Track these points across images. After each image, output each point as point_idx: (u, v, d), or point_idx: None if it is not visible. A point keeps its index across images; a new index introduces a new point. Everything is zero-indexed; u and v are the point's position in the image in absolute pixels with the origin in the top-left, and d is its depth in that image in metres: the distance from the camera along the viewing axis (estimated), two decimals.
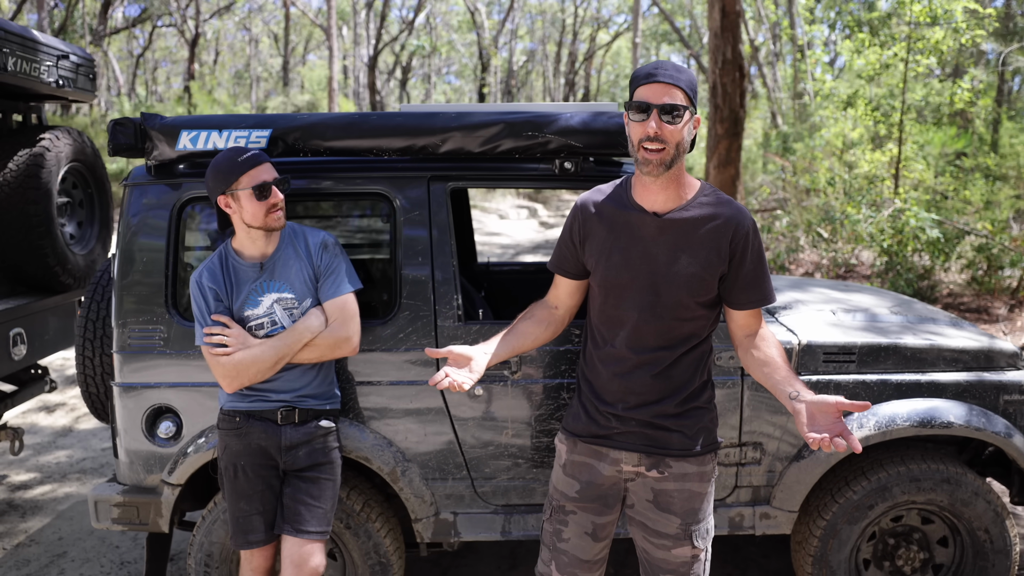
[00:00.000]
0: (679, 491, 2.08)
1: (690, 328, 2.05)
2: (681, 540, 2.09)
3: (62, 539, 3.78)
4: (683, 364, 2.06)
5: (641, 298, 2.02)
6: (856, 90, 12.46)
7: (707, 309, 2.06)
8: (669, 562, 2.11)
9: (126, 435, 2.69)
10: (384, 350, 2.62)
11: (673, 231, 1.99)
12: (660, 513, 2.10)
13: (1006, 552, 2.72)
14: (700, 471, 2.09)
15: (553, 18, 39.63)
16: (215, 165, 2.32)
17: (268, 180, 2.30)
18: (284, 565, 2.37)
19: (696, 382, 2.08)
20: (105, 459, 4.82)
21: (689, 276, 1.99)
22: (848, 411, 1.82)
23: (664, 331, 2.03)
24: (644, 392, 2.06)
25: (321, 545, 2.41)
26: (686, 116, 1.90)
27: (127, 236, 2.66)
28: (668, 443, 2.07)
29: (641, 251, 2.02)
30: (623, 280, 2.04)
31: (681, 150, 1.92)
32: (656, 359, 2.04)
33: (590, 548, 2.18)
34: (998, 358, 2.77)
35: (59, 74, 3.72)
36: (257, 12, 34.86)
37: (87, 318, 2.92)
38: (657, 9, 28.50)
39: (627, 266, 2.03)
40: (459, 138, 2.55)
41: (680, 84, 1.89)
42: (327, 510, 2.42)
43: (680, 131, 1.90)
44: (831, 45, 23.73)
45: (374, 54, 27.49)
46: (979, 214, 9.50)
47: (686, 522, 2.08)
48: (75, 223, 4.05)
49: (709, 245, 1.98)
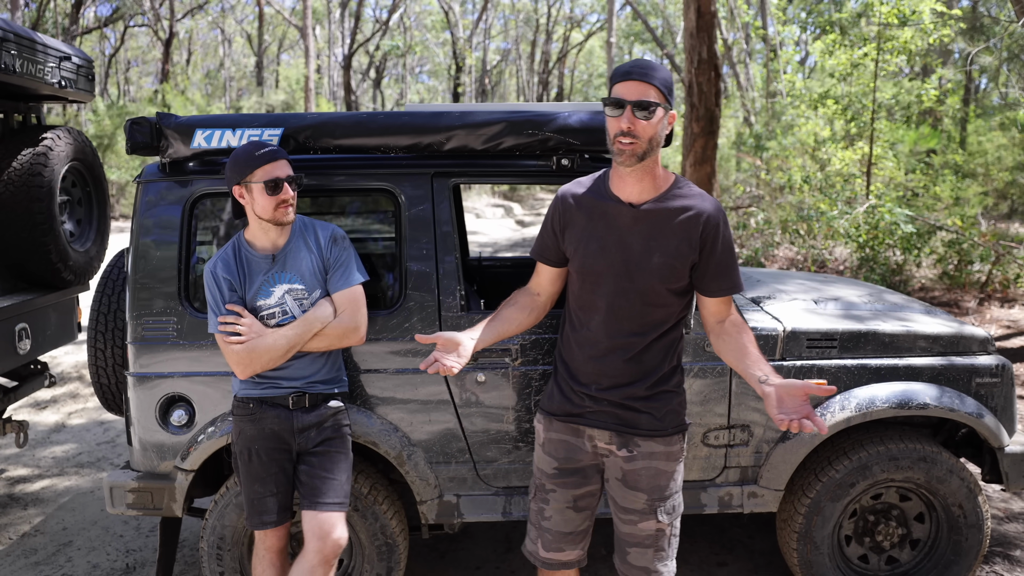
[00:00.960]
0: (646, 469, 2.18)
1: (661, 314, 2.15)
2: (647, 515, 2.19)
3: (66, 529, 3.84)
4: (654, 349, 2.16)
5: (616, 285, 2.13)
6: (827, 89, 12.74)
7: (678, 296, 2.15)
8: (635, 535, 2.22)
9: (140, 423, 2.78)
10: (390, 339, 2.74)
11: (647, 221, 2.10)
12: (628, 491, 2.20)
13: (979, 526, 2.90)
14: (667, 451, 2.19)
15: (527, 17, 39.80)
16: (235, 156, 2.42)
17: (281, 176, 2.40)
18: (307, 539, 2.47)
19: (666, 367, 2.19)
20: (101, 453, 4.87)
21: (661, 264, 2.08)
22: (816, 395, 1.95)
23: (636, 317, 2.14)
24: (617, 375, 2.17)
25: (342, 516, 2.50)
26: (659, 112, 2.00)
27: (141, 231, 2.74)
28: (637, 423, 2.18)
29: (617, 239, 2.12)
30: (599, 267, 2.14)
31: (654, 144, 2.03)
32: (629, 344, 2.14)
33: (572, 520, 2.29)
34: (970, 343, 2.95)
35: (61, 75, 3.79)
36: (230, 11, 34.58)
37: (98, 311, 2.99)
38: (630, 8, 28.76)
39: (603, 254, 2.13)
40: (463, 136, 2.67)
41: (654, 82, 1.99)
42: (343, 482, 2.52)
43: (653, 126, 2.00)
44: (802, 44, 24.14)
45: (349, 54, 27.44)
46: (949, 210, 9.80)
47: (652, 498, 2.18)
48: (74, 221, 4.11)
49: (681, 235, 2.08)
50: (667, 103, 2.02)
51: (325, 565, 2.46)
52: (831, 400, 2.80)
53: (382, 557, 2.79)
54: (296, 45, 39.96)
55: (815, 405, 2.80)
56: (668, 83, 2.03)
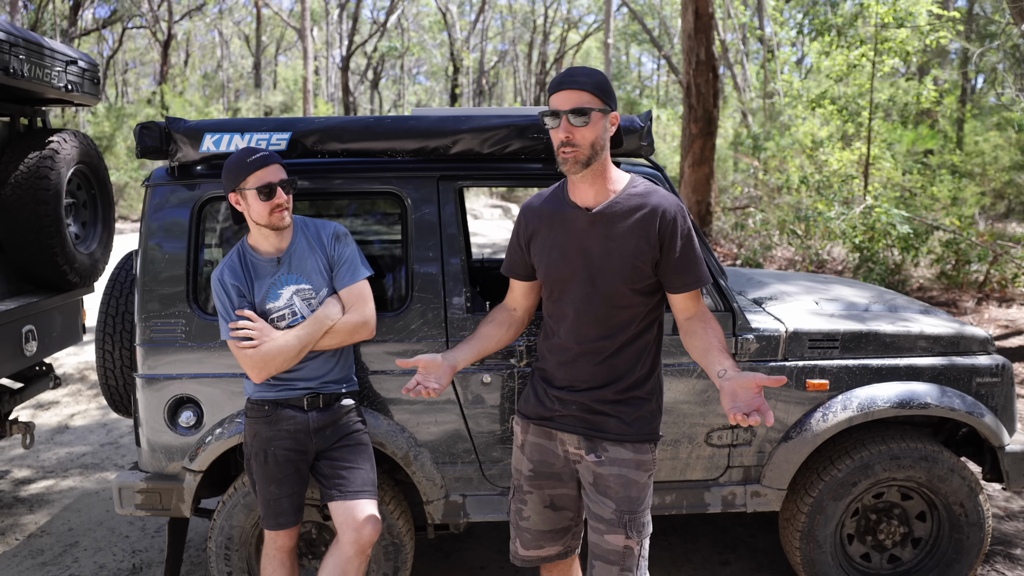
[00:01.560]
0: (615, 476, 2.12)
1: (627, 316, 2.12)
2: (615, 527, 2.12)
3: (72, 530, 3.86)
4: (625, 354, 2.13)
5: (580, 290, 2.12)
6: (824, 90, 12.80)
7: (644, 296, 2.12)
8: (601, 547, 2.15)
9: (149, 425, 2.80)
10: (397, 341, 2.76)
11: (603, 223, 2.08)
12: (598, 496, 2.15)
13: (980, 525, 2.93)
14: (636, 459, 2.13)
15: (524, 18, 39.84)
16: (228, 164, 2.44)
17: (273, 181, 2.40)
18: (341, 532, 2.45)
19: (637, 372, 2.14)
20: (105, 454, 4.89)
21: (621, 265, 2.07)
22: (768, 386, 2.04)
23: (602, 320, 2.11)
24: (588, 379, 2.15)
25: (374, 504, 2.49)
26: (595, 116, 2.01)
27: (150, 234, 2.77)
28: (605, 427, 2.14)
29: (577, 245, 2.11)
30: (563, 274, 2.14)
31: (597, 148, 2.03)
32: (598, 348, 2.12)
33: (551, 519, 2.29)
34: (970, 343, 2.99)
35: (68, 79, 3.82)
36: (228, 13, 34.60)
37: (106, 313, 3.02)
38: (627, 10, 28.82)
39: (565, 261, 2.13)
40: (469, 140, 2.70)
41: (586, 88, 2.00)
42: (367, 470, 2.53)
43: (592, 131, 2.01)
44: (799, 45, 24.20)
45: (347, 55, 27.46)
46: (946, 210, 9.85)
47: (620, 509, 2.12)
48: (80, 223, 4.13)
49: (638, 233, 2.06)
50: (605, 105, 2.03)
51: (361, 555, 2.45)
52: (833, 400, 2.83)
53: (389, 557, 2.82)
54: (294, 46, 40.00)
55: (817, 405, 2.84)
56: (602, 86, 2.03)
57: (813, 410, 2.84)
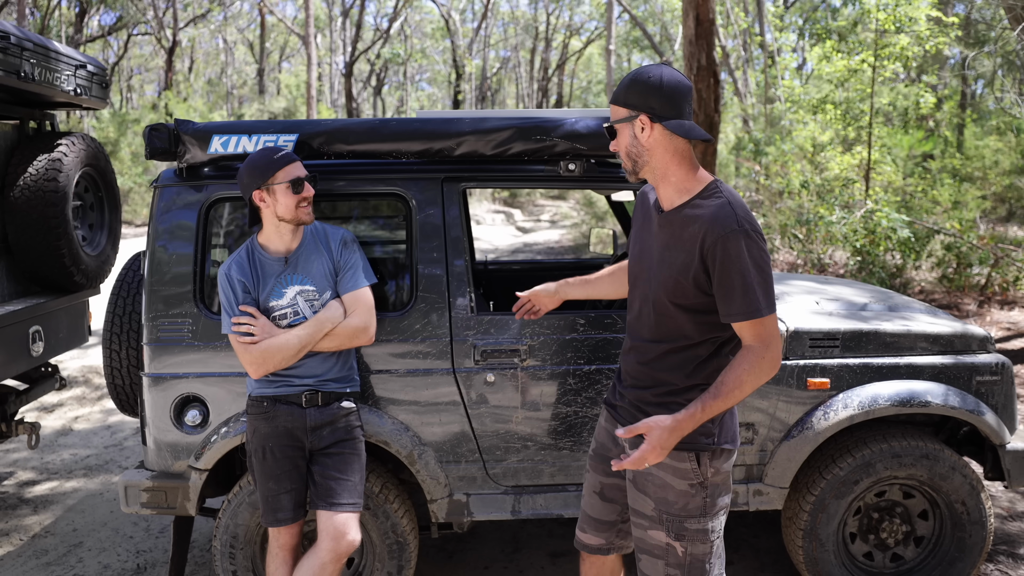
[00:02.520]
0: (652, 476, 2.09)
1: (672, 327, 2.03)
2: (656, 524, 2.09)
3: (76, 530, 3.88)
4: (668, 362, 2.06)
5: (641, 288, 2.12)
6: (825, 95, 12.83)
7: (688, 313, 2.00)
8: (645, 542, 2.13)
9: (155, 423, 2.83)
10: (401, 340, 2.79)
11: (668, 229, 2.03)
12: (637, 492, 2.14)
13: (982, 523, 2.94)
14: (674, 465, 2.05)
15: (526, 25, 39.95)
16: (251, 162, 2.49)
17: (302, 176, 2.49)
18: (321, 539, 2.52)
19: (680, 382, 2.05)
20: (109, 456, 4.92)
21: (666, 276, 2.00)
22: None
23: (651, 324, 2.08)
24: (634, 375, 2.15)
25: (356, 516, 2.56)
26: (619, 128, 2.00)
27: (157, 234, 2.80)
28: None
29: (648, 244, 2.11)
30: (634, 269, 2.16)
31: (635, 155, 1.99)
32: (643, 348, 2.10)
33: (598, 507, 2.31)
34: (970, 342, 3.00)
35: (77, 83, 3.86)
36: (232, 20, 34.75)
37: (113, 313, 3.05)
38: (629, 16, 28.90)
39: (639, 257, 2.14)
40: (473, 141, 2.73)
41: (613, 100, 2.02)
42: (356, 482, 2.57)
43: (623, 141, 2.00)
44: (799, 51, 24.26)
45: (350, 62, 27.57)
46: (947, 214, 9.86)
47: (659, 508, 2.08)
48: (87, 225, 4.17)
49: (688, 247, 1.96)
50: (629, 112, 1.97)
51: (336, 563, 2.52)
52: (834, 399, 2.85)
53: (393, 555, 2.84)
54: (297, 53, 40.13)
55: (818, 404, 2.85)
56: (626, 91, 1.98)
57: (814, 409, 2.86)
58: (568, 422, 2.85)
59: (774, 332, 1.93)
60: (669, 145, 1.97)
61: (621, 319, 2.84)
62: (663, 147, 1.97)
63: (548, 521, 3.89)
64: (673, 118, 1.95)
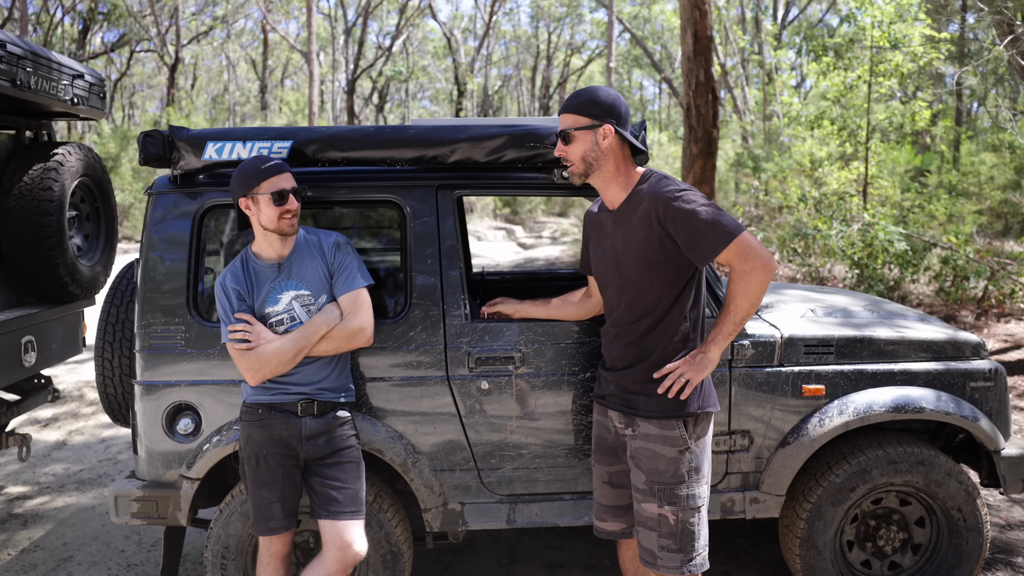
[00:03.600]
0: (644, 449, 2.31)
1: (651, 299, 2.29)
2: (648, 496, 2.30)
3: (67, 544, 3.85)
4: (653, 334, 2.30)
5: (613, 281, 2.36)
6: (823, 111, 12.89)
7: (664, 280, 2.27)
8: (640, 514, 2.33)
9: (146, 432, 2.81)
10: (395, 348, 2.78)
11: (621, 220, 2.32)
12: (634, 467, 2.35)
13: (978, 530, 2.92)
14: (663, 434, 2.28)
15: (527, 44, 40.24)
16: (241, 169, 2.50)
17: (287, 188, 2.48)
18: (327, 549, 2.50)
19: (663, 349, 2.30)
20: (103, 470, 4.89)
21: (636, 254, 2.26)
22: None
23: (631, 306, 2.32)
24: (622, 358, 2.37)
25: (361, 524, 2.54)
26: (578, 135, 2.26)
27: (151, 241, 2.80)
28: (636, 404, 2.34)
29: (608, 243, 2.37)
30: (602, 269, 2.42)
31: (590, 160, 2.27)
32: (629, 330, 2.34)
33: (610, 495, 2.49)
34: (964, 348, 2.99)
35: (74, 92, 3.87)
36: (235, 37, 35.02)
37: (106, 321, 3.04)
38: (629, 35, 29.12)
39: (603, 258, 2.40)
40: (466, 149, 2.74)
41: (570, 110, 2.27)
42: (357, 490, 2.56)
43: (578, 147, 2.27)
44: (797, 69, 24.41)
45: (352, 79, 27.74)
46: (943, 227, 9.88)
47: (651, 479, 2.29)
48: (82, 236, 4.17)
49: (643, 224, 2.24)
50: (593, 121, 2.24)
51: (342, 573, 2.51)
52: (829, 405, 2.83)
53: (387, 566, 2.81)
54: (300, 71, 40.39)
55: (813, 411, 2.84)
56: (589, 104, 2.25)
57: (810, 415, 2.84)
58: (563, 430, 2.84)
59: (752, 245, 2.19)
60: (620, 151, 2.30)
61: None
62: (615, 153, 2.30)
63: (545, 532, 3.85)
64: (625, 130, 2.29)
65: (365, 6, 28.22)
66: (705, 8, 10.39)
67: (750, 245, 2.18)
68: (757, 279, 2.20)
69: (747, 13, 25.35)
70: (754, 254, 2.18)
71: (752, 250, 2.18)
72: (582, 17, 36.29)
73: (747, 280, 2.20)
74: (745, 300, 2.22)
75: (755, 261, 2.18)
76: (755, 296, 2.22)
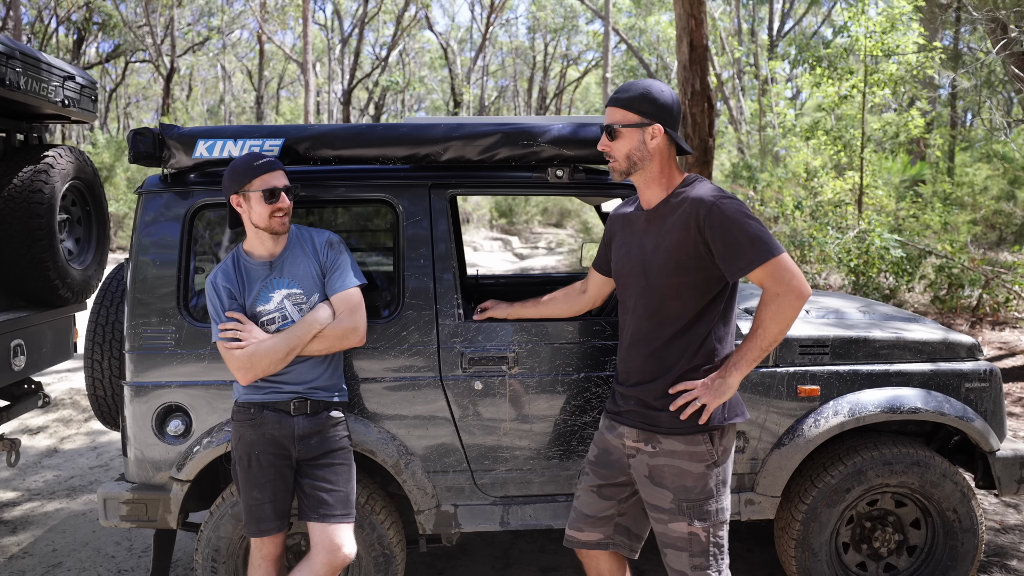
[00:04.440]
0: (669, 467, 2.19)
1: (676, 308, 2.17)
2: (676, 515, 2.18)
3: (56, 551, 3.80)
4: (675, 346, 2.19)
5: (636, 283, 2.24)
6: (817, 121, 12.94)
7: (693, 289, 2.15)
8: (667, 536, 2.21)
9: (136, 434, 2.78)
10: (388, 348, 2.76)
11: (656, 221, 2.21)
12: (655, 487, 2.22)
13: (973, 531, 2.90)
14: (689, 450, 2.17)
15: (524, 55, 40.38)
16: (233, 166, 2.48)
17: (278, 186, 2.46)
18: (316, 551, 2.47)
19: (687, 364, 2.18)
20: (94, 476, 4.84)
21: (666, 258, 2.16)
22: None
23: (653, 313, 2.20)
24: (640, 371, 2.24)
25: (350, 528, 2.52)
26: (624, 132, 2.17)
27: (141, 241, 2.78)
28: (658, 421, 2.21)
29: (637, 243, 2.27)
30: (625, 269, 2.29)
31: (634, 159, 2.18)
32: (648, 339, 2.22)
33: (594, 504, 2.38)
34: (958, 349, 2.98)
35: (65, 94, 3.85)
36: (231, 48, 35.07)
37: (96, 323, 3.01)
38: (626, 46, 29.25)
39: (628, 257, 2.29)
40: (459, 147, 2.72)
41: (620, 104, 2.18)
42: (348, 492, 2.53)
43: (624, 144, 2.18)
44: (792, 81, 24.54)
45: (348, 90, 27.79)
46: (938, 236, 9.90)
47: (679, 497, 2.18)
48: (73, 239, 4.14)
49: (680, 226, 2.13)
50: (643, 119, 2.15)
51: (332, 575, 2.48)
52: (824, 406, 2.82)
53: (379, 568, 2.78)
54: (296, 81, 40.47)
55: (808, 411, 2.82)
56: (640, 99, 2.16)
57: (805, 416, 2.82)
58: (557, 431, 2.82)
59: (789, 268, 2.07)
60: (667, 152, 2.21)
61: (610, 327, 2.82)
62: (662, 154, 2.20)
63: (539, 536, 3.82)
64: (675, 131, 2.20)
65: (361, 17, 28.29)
66: (701, 17, 10.43)
67: (788, 268, 2.07)
68: (790, 304, 2.07)
69: (743, 24, 25.49)
70: (790, 277, 2.07)
71: (789, 273, 2.07)
72: (578, 28, 36.46)
73: (779, 304, 2.07)
74: (775, 325, 2.09)
75: (790, 285, 2.07)
76: (786, 322, 2.09)
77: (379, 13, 30.96)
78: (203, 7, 29.11)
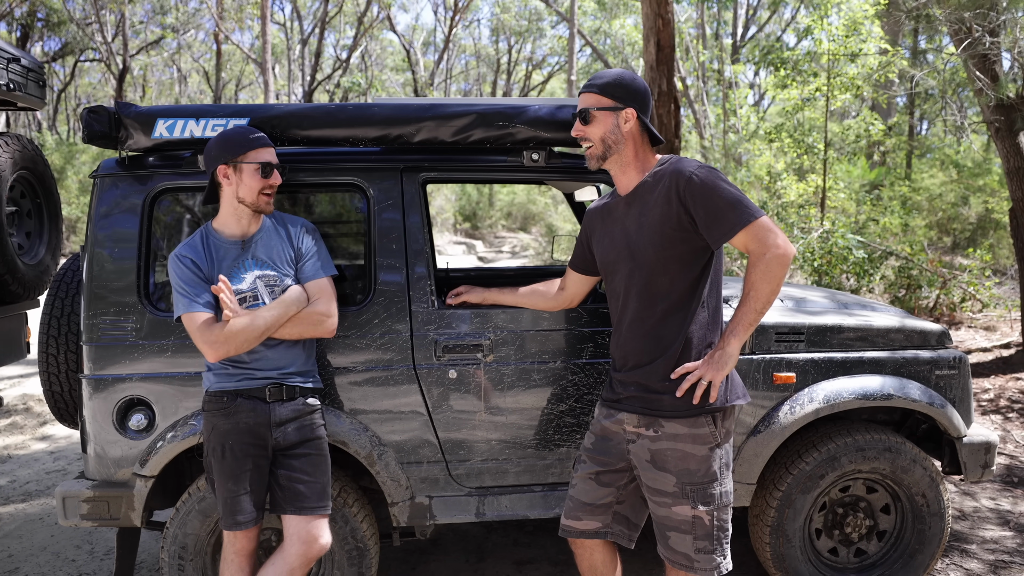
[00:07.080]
0: (672, 451, 2.17)
1: (665, 284, 2.16)
2: (679, 498, 2.16)
3: (12, 556, 3.65)
4: (668, 323, 2.17)
5: (624, 266, 2.23)
6: (780, 124, 13.14)
7: (678, 263, 2.15)
8: (671, 519, 2.19)
9: (96, 430, 2.67)
10: (359, 336, 2.69)
11: (636, 202, 2.23)
12: (657, 472, 2.19)
13: (941, 515, 2.94)
14: (692, 432, 2.15)
15: (487, 59, 40.38)
16: (225, 135, 2.39)
17: (274, 162, 2.41)
18: (291, 543, 2.40)
19: (682, 341, 2.16)
20: (51, 481, 4.67)
21: (651, 233, 2.16)
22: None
23: (643, 291, 2.19)
24: (637, 353, 2.22)
25: (326, 520, 2.46)
26: (599, 116, 2.19)
27: (98, 227, 2.66)
28: (660, 405, 2.18)
29: (620, 228, 2.27)
30: (611, 256, 2.29)
31: (609, 142, 2.20)
32: (642, 318, 2.20)
33: (593, 491, 2.34)
34: (929, 337, 3.02)
35: (9, 77, 3.63)
36: (187, 48, 34.41)
37: (50, 315, 2.88)
38: (591, 50, 29.42)
39: (612, 244, 2.28)
40: (432, 127, 2.66)
41: (594, 90, 2.20)
42: (324, 484, 2.46)
43: (599, 127, 2.20)
44: (756, 88, 24.90)
45: (309, 91, 27.47)
46: (897, 238, 10.12)
47: (682, 481, 2.16)
48: (23, 233, 3.96)
49: (662, 200, 2.14)
50: (616, 103, 2.18)
51: (304, 568, 2.42)
52: (800, 392, 2.83)
53: (352, 562, 2.71)
54: (254, 82, 39.89)
55: (784, 399, 2.83)
56: (613, 86, 2.19)
57: (780, 403, 2.83)
58: (533, 420, 2.77)
59: (771, 229, 2.08)
60: (639, 137, 2.23)
61: (587, 314, 2.79)
62: (636, 139, 2.23)
63: (513, 530, 3.78)
64: (647, 118, 2.23)
65: (322, 16, 27.99)
66: (668, 17, 10.49)
67: (771, 229, 2.07)
68: (778, 262, 2.05)
69: (707, 29, 25.80)
70: (774, 237, 2.06)
71: (773, 234, 2.07)
72: (543, 32, 36.56)
73: (767, 264, 2.06)
74: (766, 285, 2.06)
75: (775, 244, 2.06)
76: (776, 281, 2.07)
77: (340, 13, 30.69)
78: (156, 5, 28.42)
